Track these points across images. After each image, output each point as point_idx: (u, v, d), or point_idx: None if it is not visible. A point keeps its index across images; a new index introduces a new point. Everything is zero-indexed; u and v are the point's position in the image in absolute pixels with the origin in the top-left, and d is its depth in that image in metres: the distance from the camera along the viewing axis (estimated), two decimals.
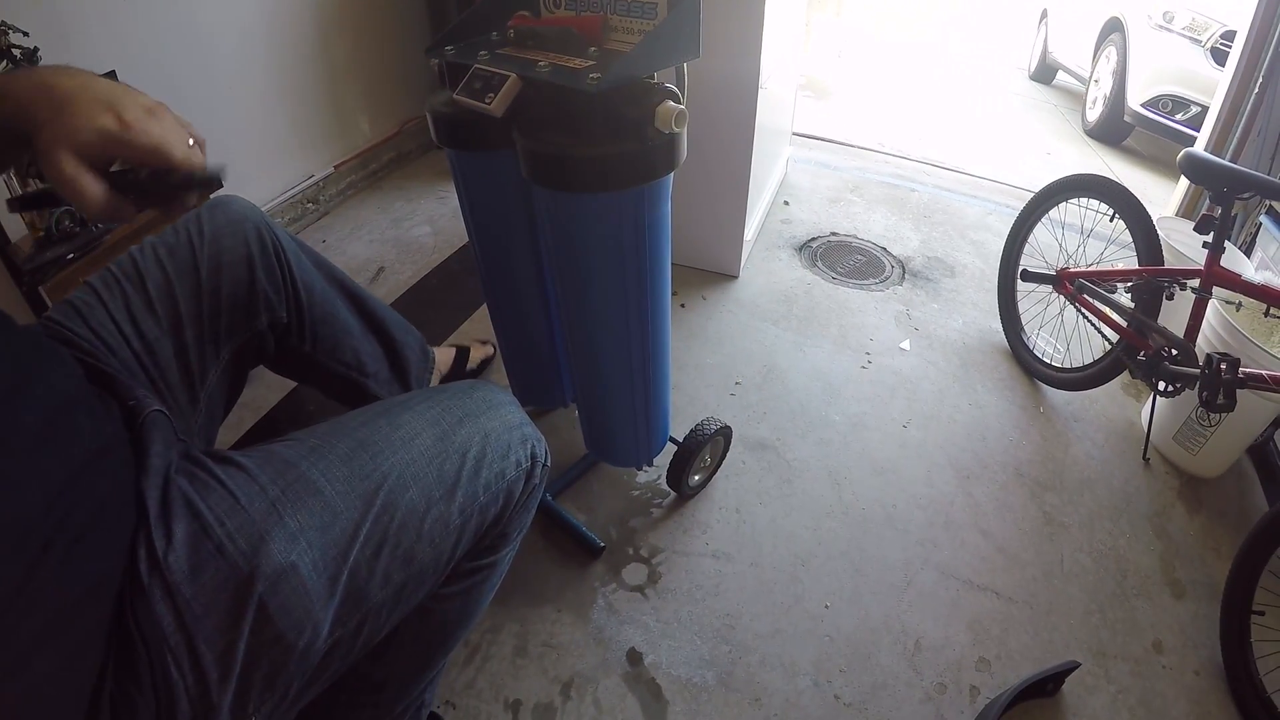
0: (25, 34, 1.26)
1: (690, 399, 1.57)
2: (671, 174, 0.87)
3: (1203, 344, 1.42)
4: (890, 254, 2.22)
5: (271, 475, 0.56)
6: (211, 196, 0.87)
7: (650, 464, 1.24)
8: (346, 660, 0.60)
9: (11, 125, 0.50)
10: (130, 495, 0.52)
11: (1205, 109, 2.66)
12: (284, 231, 0.97)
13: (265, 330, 0.91)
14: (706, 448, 1.27)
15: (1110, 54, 3.67)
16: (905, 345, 1.81)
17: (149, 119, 0.52)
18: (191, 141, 0.55)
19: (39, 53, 1.26)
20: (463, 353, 1.53)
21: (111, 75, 1.52)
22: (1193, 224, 1.43)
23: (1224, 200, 1.31)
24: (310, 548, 0.54)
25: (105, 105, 0.50)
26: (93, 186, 0.49)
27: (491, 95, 0.80)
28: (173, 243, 0.85)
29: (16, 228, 1.28)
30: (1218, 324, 1.40)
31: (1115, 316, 1.51)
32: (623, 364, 1.04)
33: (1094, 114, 3.79)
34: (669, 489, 1.33)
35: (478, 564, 0.73)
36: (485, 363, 1.58)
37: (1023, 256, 1.83)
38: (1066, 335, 1.77)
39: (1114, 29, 3.67)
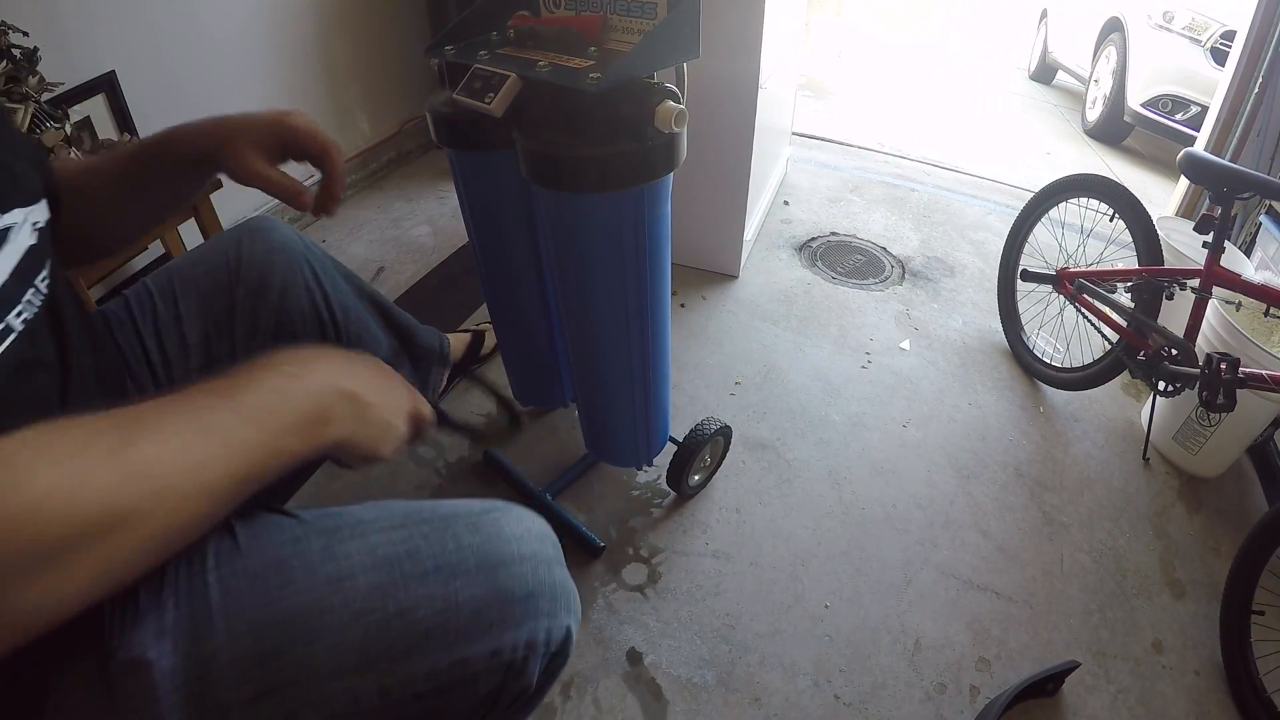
0: (25, 34, 1.26)
1: (690, 399, 1.57)
2: (671, 174, 0.88)
3: (1203, 344, 1.42)
4: (890, 254, 2.22)
5: (179, 565, 0.50)
6: (252, 220, 0.90)
7: (650, 464, 1.24)
8: None
9: (194, 153, 0.64)
10: None
11: (1205, 109, 2.66)
12: (320, 254, 0.96)
13: None
14: (706, 447, 1.27)
15: (1110, 54, 3.67)
16: (905, 345, 1.81)
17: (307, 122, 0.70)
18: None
19: (39, 53, 1.26)
20: (478, 337, 1.53)
21: (111, 75, 1.54)
22: (1193, 224, 1.43)
23: (1224, 200, 1.31)
24: (173, 651, 0.46)
25: (270, 121, 0.67)
26: (282, 175, 0.64)
27: (491, 95, 0.80)
28: (209, 264, 0.85)
29: None
30: (1218, 324, 1.40)
31: (1115, 316, 1.51)
32: (623, 364, 1.04)
33: (1094, 114, 3.79)
34: (669, 489, 1.33)
35: None
36: (497, 349, 1.58)
37: (1023, 256, 1.83)
38: (1066, 335, 1.77)
39: (1114, 29, 3.67)
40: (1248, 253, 1.81)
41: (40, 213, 0.51)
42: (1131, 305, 1.48)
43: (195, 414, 0.41)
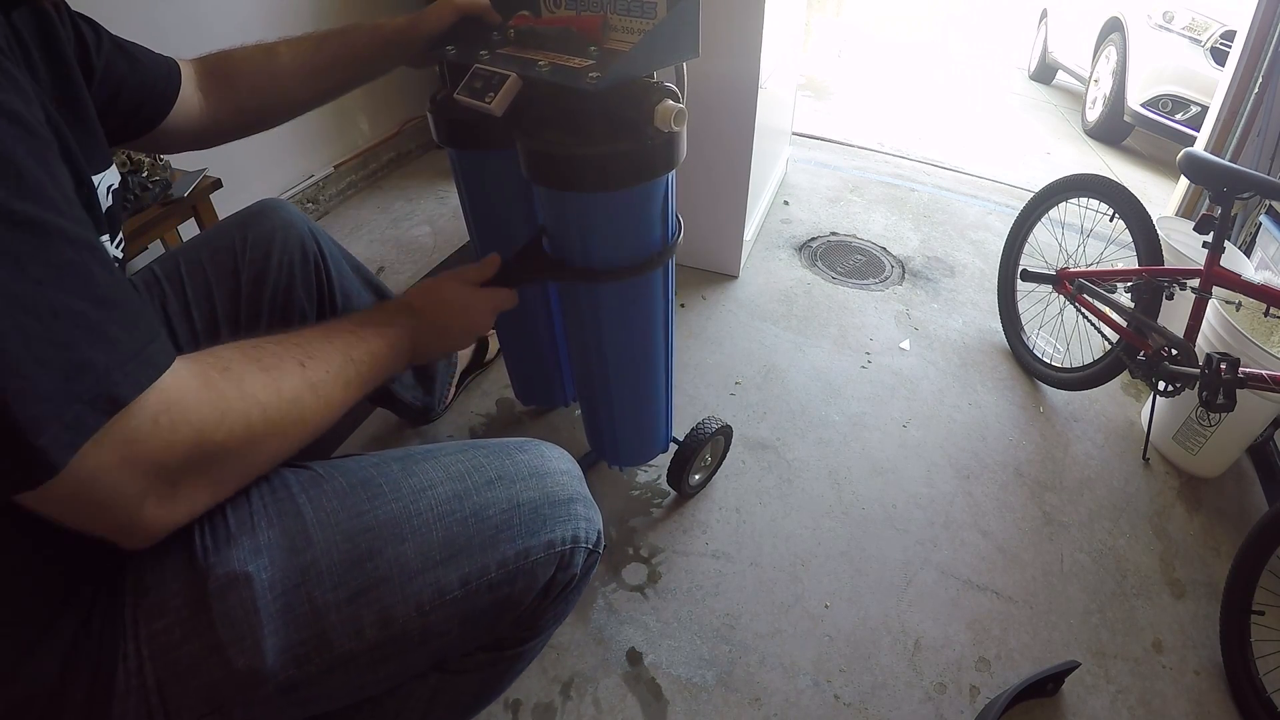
0: None
1: (690, 399, 1.57)
2: (672, 172, 0.88)
3: (1203, 344, 1.42)
4: (890, 254, 2.22)
5: (262, 492, 0.55)
6: (261, 201, 0.93)
7: (653, 462, 1.24)
8: (312, 709, 0.56)
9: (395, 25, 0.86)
10: None
11: (1205, 109, 2.66)
12: (326, 236, 0.97)
13: None
14: (707, 446, 1.27)
15: (1110, 54, 3.67)
16: (905, 345, 1.81)
17: None
18: None
19: None
20: (481, 343, 1.54)
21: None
22: (1193, 224, 1.43)
23: (1224, 200, 1.31)
24: (271, 565, 0.51)
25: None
26: None
27: (492, 95, 0.80)
28: (216, 245, 0.86)
29: None
30: (1218, 324, 1.40)
31: (1115, 316, 1.51)
32: (625, 363, 1.04)
33: (1094, 114, 3.79)
34: (668, 489, 1.33)
35: (499, 654, 0.67)
36: (500, 354, 1.58)
37: (1023, 256, 1.83)
38: (1066, 335, 1.77)
39: (1114, 29, 3.67)
40: (1248, 253, 1.81)
41: (113, 176, 0.57)
42: (1131, 305, 1.48)
43: (335, 341, 0.56)
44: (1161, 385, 1.40)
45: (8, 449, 0.35)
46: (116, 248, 0.55)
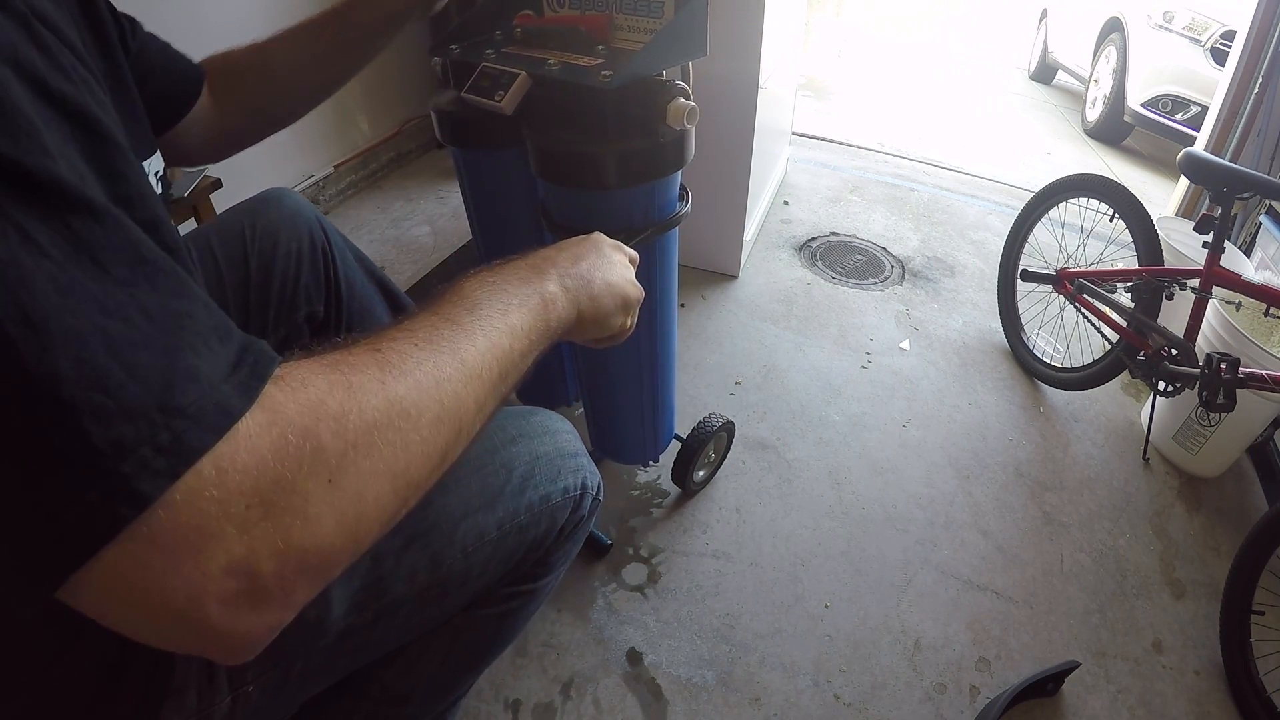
0: None
1: (690, 399, 1.57)
2: (681, 170, 0.88)
3: (1203, 344, 1.42)
4: (890, 254, 2.22)
5: None
6: (266, 191, 0.92)
7: (656, 460, 1.24)
8: (356, 659, 0.59)
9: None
10: None
11: (1205, 109, 2.66)
12: (333, 227, 0.98)
13: (303, 323, 0.92)
14: (711, 443, 1.27)
15: (1110, 54, 3.67)
16: (905, 345, 1.81)
17: None
18: None
19: None
20: None
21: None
22: (1193, 224, 1.43)
23: (1224, 200, 1.31)
24: None
25: None
26: None
27: (501, 93, 0.80)
28: (226, 234, 0.86)
29: None
30: (1218, 324, 1.40)
31: (1115, 316, 1.51)
32: (630, 362, 1.04)
33: (1094, 114, 3.79)
34: (669, 488, 1.33)
35: (516, 589, 0.72)
36: None
37: (1023, 256, 1.84)
38: (1066, 335, 1.77)
39: (1114, 29, 3.67)
40: (1248, 253, 1.81)
41: (158, 162, 0.56)
42: (1131, 305, 1.49)
43: (422, 320, 0.44)
44: (1161, 385, 1.40)
45: (81, 482, 0.25)
46: None
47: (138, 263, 0.29)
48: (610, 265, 0.61)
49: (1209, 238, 1.33)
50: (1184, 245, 1.68)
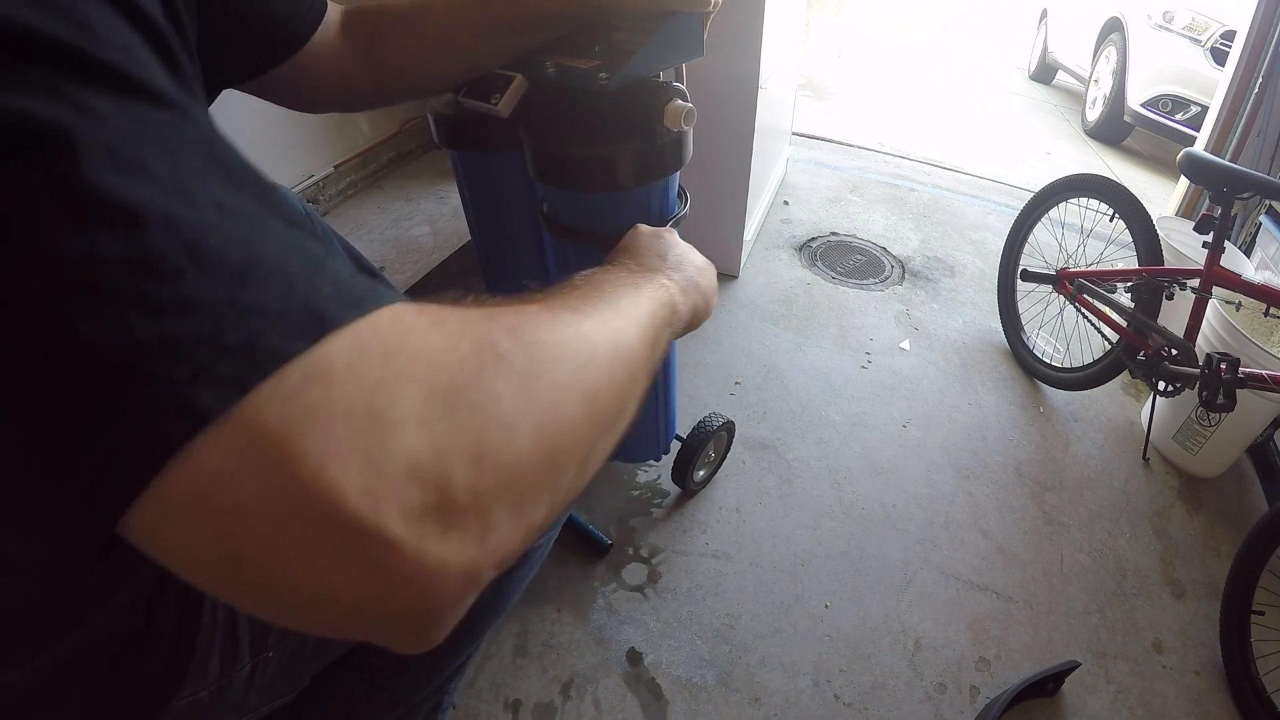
0: None
1: (690, 399, 1.57)
2: (679, 172, 0.88)
3: (1203, 344, 1.42)
4: (890, 254, 2.22)
5: None
6: None
7: (659, 459, 1.24)
8: None
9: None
10: None
11: (1205, 109, 2.66)
12: (329, 227, 0.98)
13: None
14: (710, 443, 1.27)
15: (1110, 54, 3.67)
16: (905, 345, 1.81)
17: None
18: None
19: None
20: None
21: None
22: (1193, 224, 1.43)
23: (1224, 200, 1.31)
24: None
25: None
26: None
27: (497, 96, 0.80)
28: None
29: None
30: (1218, 324, 1.40)
31: (1115, 316, 1.51)
32: None
33: (1094, 114, 3.79)
34: (669, 488, 1.33)
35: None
36: None
37: (1023, 256, 1.84)
38: (1066, 335, 1.77)
39: (1114, 29, 3.67)
40: (1248, 253, 1.81)
41: None
42: (1131, 305, 1.49)
43: (632, 302, 0.42)
44: (1161, 385, 1.40)
45: (134, 388, 0.20)
46: None
47: (213, 161, 0.24)
48: (686, 248, 0.60)
49: (1209, 238, 1.33)
50: (1184, 245, 1.68)
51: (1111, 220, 1.58)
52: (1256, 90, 2.05)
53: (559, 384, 0.28)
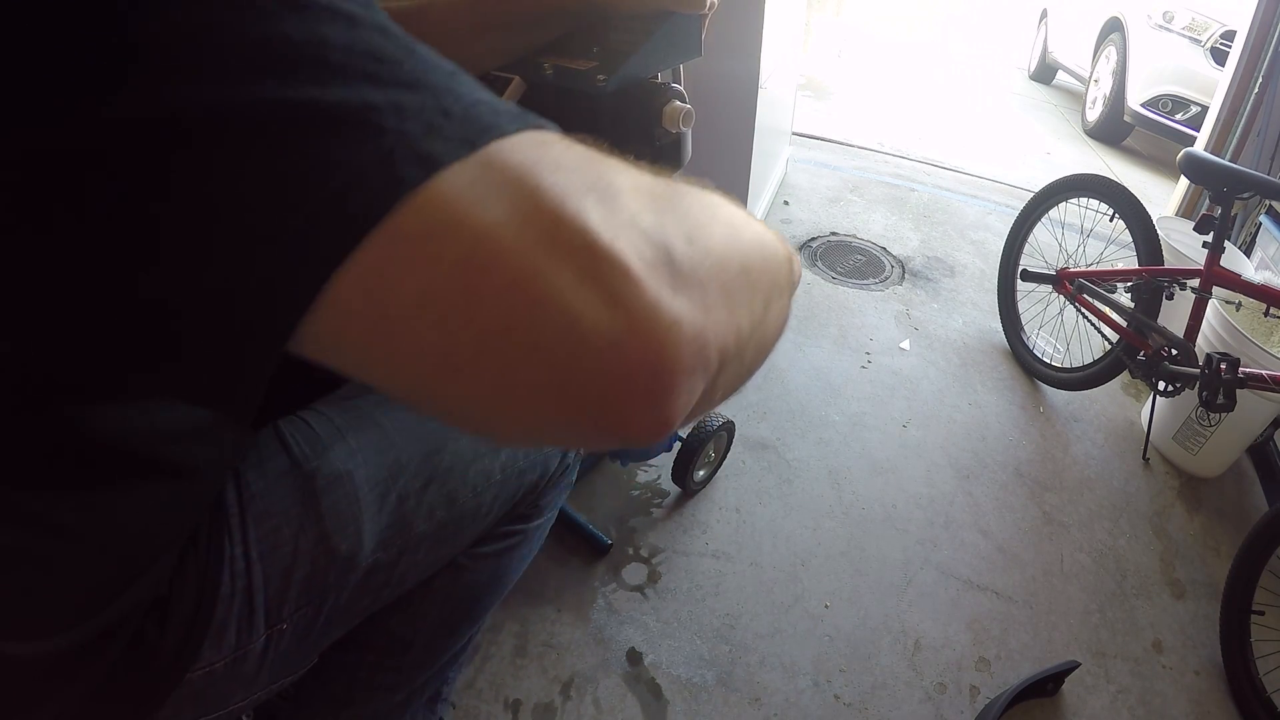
0: None
1: None
2: (678, 173, 0.88)
3: (1202, 344, 1.42)
4: (890, 254, 2.22)
5: (339, 411, 0.62)
6: None
7: (669, 449, 1.25)
8: (378, 599, 0.62)
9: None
10: None
11: (1205, 109, 2.66)
12: None
13: None
14: (710, 443, 1.27)
15: (1110, 54, 3.67)
16: (905, 345, 1.81)
17: None
18: None
19: None
20: None
21: None
22: (1193, 224, 1.43)
23: (1224, 200, 1.31)
24: (365, 464, 0.59)
25: None
26: None
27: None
28: None
29: None
30: (1217, 324, 1.40)
31: (1115, 316, 1.51)
32: None
33: (1094, 114, 3.79)
34: (669, 488, 1.33)
35: (512, 528, 0.77)
36: None
37: (1023, 256, 1.84)
38: (1066, 335, 1.77)
39: (1114, 29, 3.67)
40: (1248, 253, 1.81)
41: None
42: (1131, 305, 1.49)
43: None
44: (1161, 385, 1.40)
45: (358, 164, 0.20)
46: None
47: (410, 43, 0.24)
48: None
49: (1209, 238, 1.34)
50: (1184, 245, 1.68)
51: (1111, 220, 1.58)
52: (1256, 90, 2.05)
53: (737, 223, 0.29)
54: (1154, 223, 1.51)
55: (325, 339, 0.20)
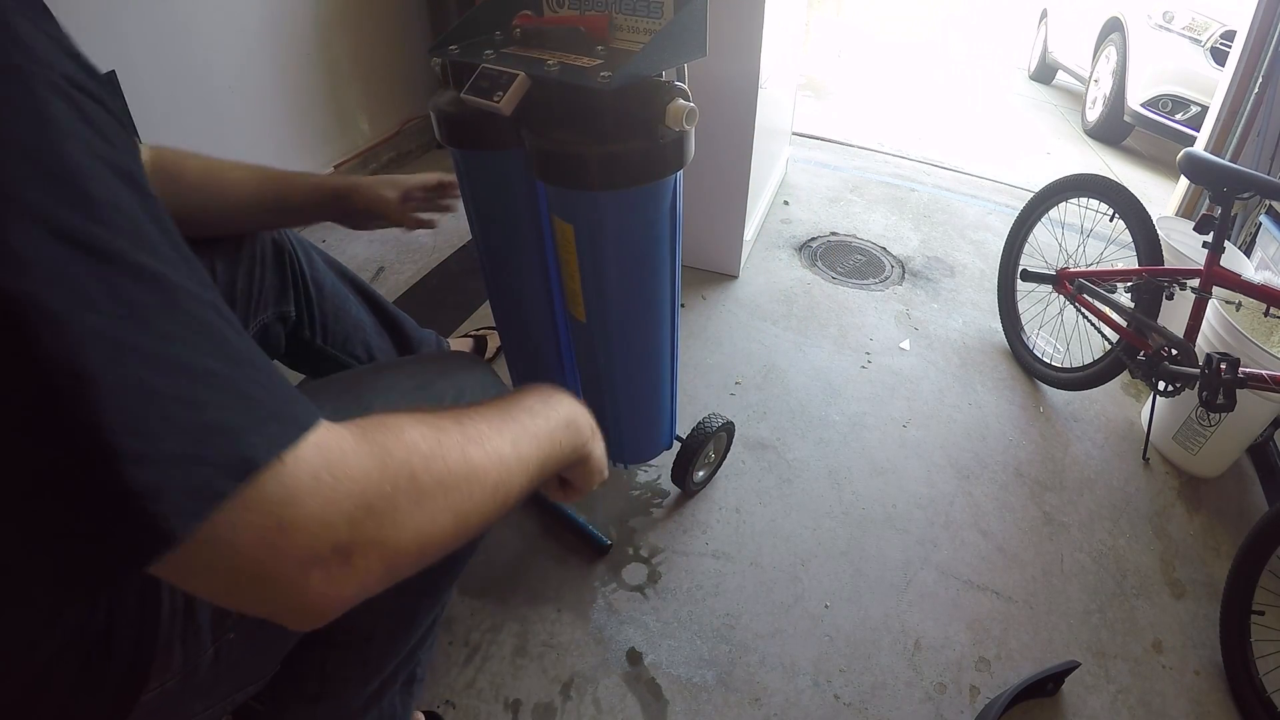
0: None
1: (690, 399, 1.57)
2: (681, 171, 0.88)
3: (1202, 344, 1.42)
4: (890, 254, 2.22)
5: None
6: None
7: (652, 462, 1.24)
8: None
9: (329, 184, 0.95)
10: None
11: (1205, 109, 2.66)
12: (296, 234, 0.99)
13: (271, 322, 0.95)
14: (710, 443, 1.27)
15: (1110, 54, 3.67)
16: (905, 345, 1.81)
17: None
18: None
19: None
20: (480, 341, 1.55)
21: (112, 75, 1.54)
22: (1193, 224, 1.43)
23: (1224, 200, 1.31)
24: None
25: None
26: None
27: (500, 94, 0.80)
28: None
29: None
30: (1217, 324, 1.40)
31: (1115, 316, 1.51)
32: (631, 361, 1.04)
33: (1094, 114, 3.79)
34: (669, 488, 1.33)
35: None
36: (500, 350, 1.59)
37: (1023, 256, 1.84)
38: (1066, 335, 1.77)
39: (1114, 29, 3.67)
40: (1248, 253, 1.81)
41: None
42: (1131, 305, 1.49)
43: (492, 409, 0.50)
44: (1161, 385, 1.40)
45: (125, 516, 0.30)
46: None
47: (183, 321, 0.33)
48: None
49: (1209, 238, 1.34)
50: (1184, 245, 1.68)
51: (1111, 220, 1.58)
52: (1256, 90, 2.05)
53: (441, 508, 0.41)
54: (1154, 223, 1.51)
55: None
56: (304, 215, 0.95)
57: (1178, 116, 3.22)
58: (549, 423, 0.54)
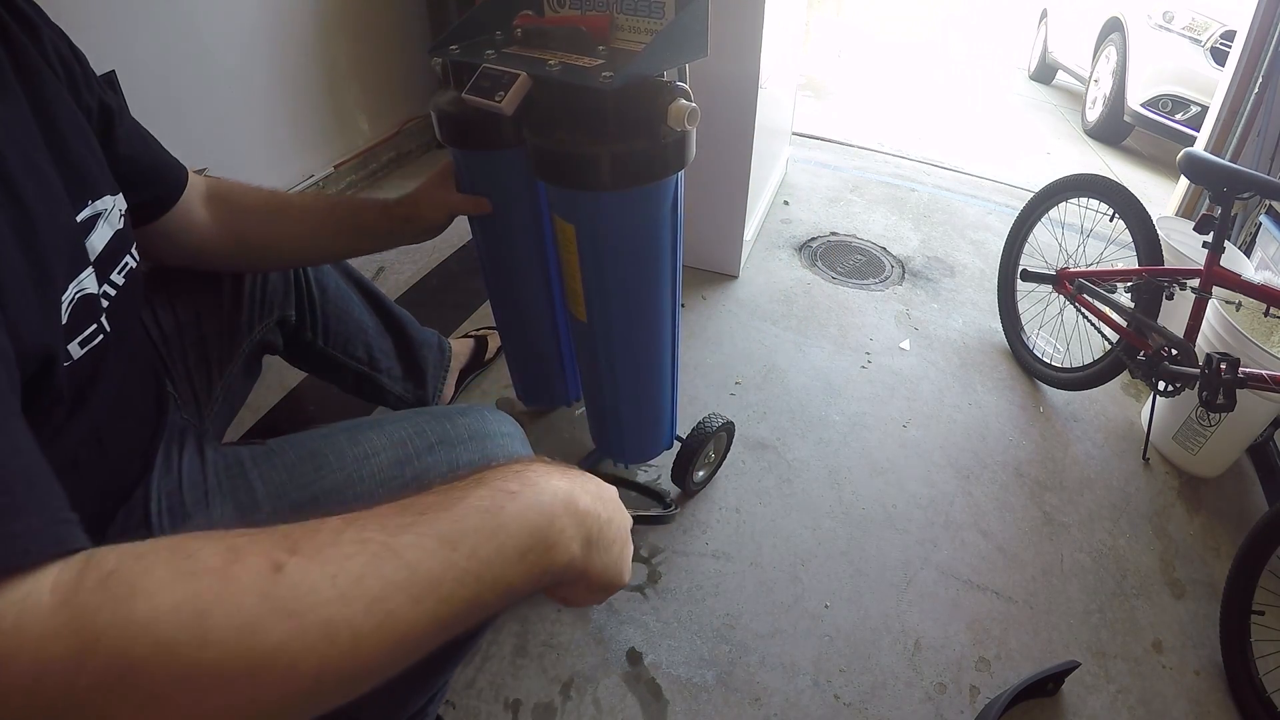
0: None
1: (690, 399, 1.57)
2: (682, 171, 0.88)
3: (1203, 344, 1.42)
4: (890, 254, 2.22)
5: (218, 470, 0.59)
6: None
7: (653, 462, 1.24)
8: None
9: (392, 202, 0.97)
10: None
11: (1205, 109, 2.66)
12: None
13: (274, 325, 0.97)
14: (710, 443, 1.27)
15: (1110, 54, 3.67)
16: (905, 345, 1.81)
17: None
18: None
19: None
20: (480, 341, 1.55)
21: (111, 75, 1.54)
22: (1193, 224, 1.43)
23: (1224, 200, 1.31)
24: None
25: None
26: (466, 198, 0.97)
27: (501, 94, 0.80)
28: None
29: None
30: (1218, 324, 1.40)
31: (1115, 316, 1.51)
32: (632, 361, 1.04)
33: (1094, 114, 3.79)
34: (669, 488, 1.33)
35: None
36: (501, 350, 1.59)
37: (1022, 256, 1.84)
38: (1066, 335, 1.77)
39: (1114, 29, 3.67)
40: (1248, 253, 1.81)
41: (123, 201, 0.57)
42: (1131, 305, 1.49)
43: (379, 532, 0.32)
44: (1161, 385, 1.40)
45: None
46: (117, 272, 0.54)
47: None
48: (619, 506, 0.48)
49: (1209, 238, 1.34)
50: (1184, 245, 1.68)
51: (1111, 220, 1.58)
52: (1256, 90, 2.05)
53: (208, 709, 0.28)
54: (1154, 223, 1.51)
55: None
56: (377, 236, 0.93)
57: (1178, 116, 3.22)
58: (479, 554, 0.34)
